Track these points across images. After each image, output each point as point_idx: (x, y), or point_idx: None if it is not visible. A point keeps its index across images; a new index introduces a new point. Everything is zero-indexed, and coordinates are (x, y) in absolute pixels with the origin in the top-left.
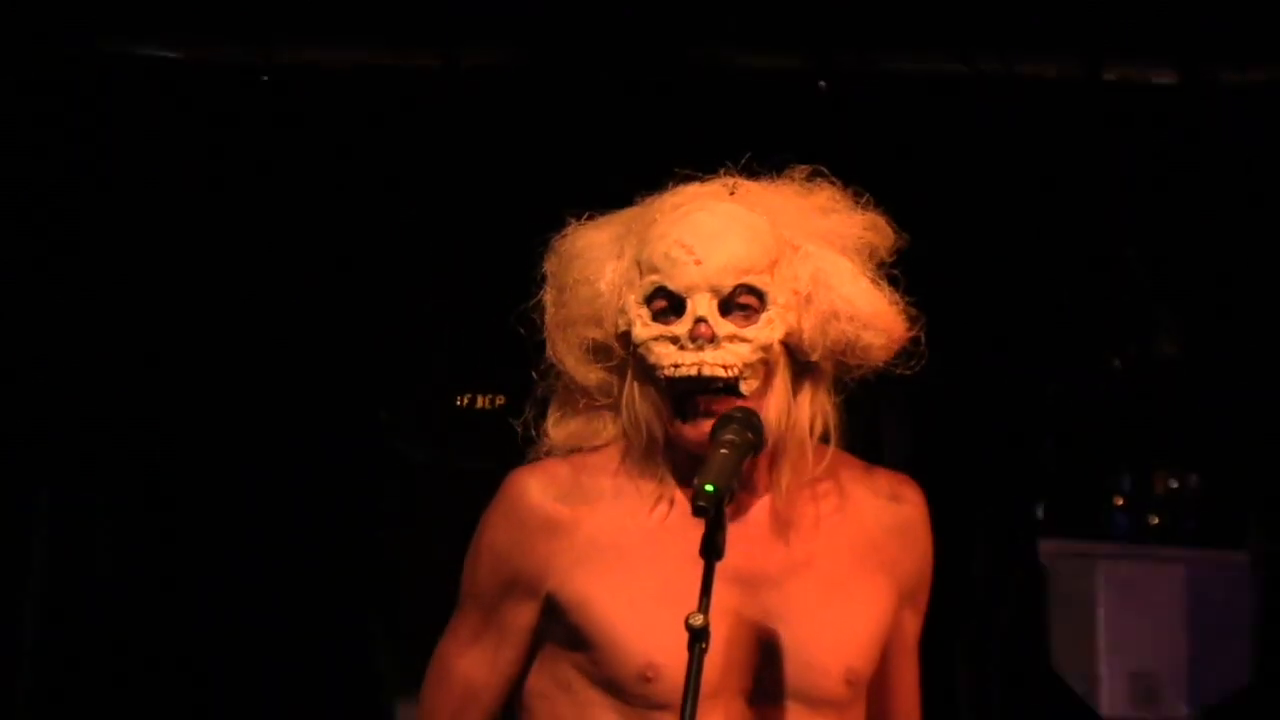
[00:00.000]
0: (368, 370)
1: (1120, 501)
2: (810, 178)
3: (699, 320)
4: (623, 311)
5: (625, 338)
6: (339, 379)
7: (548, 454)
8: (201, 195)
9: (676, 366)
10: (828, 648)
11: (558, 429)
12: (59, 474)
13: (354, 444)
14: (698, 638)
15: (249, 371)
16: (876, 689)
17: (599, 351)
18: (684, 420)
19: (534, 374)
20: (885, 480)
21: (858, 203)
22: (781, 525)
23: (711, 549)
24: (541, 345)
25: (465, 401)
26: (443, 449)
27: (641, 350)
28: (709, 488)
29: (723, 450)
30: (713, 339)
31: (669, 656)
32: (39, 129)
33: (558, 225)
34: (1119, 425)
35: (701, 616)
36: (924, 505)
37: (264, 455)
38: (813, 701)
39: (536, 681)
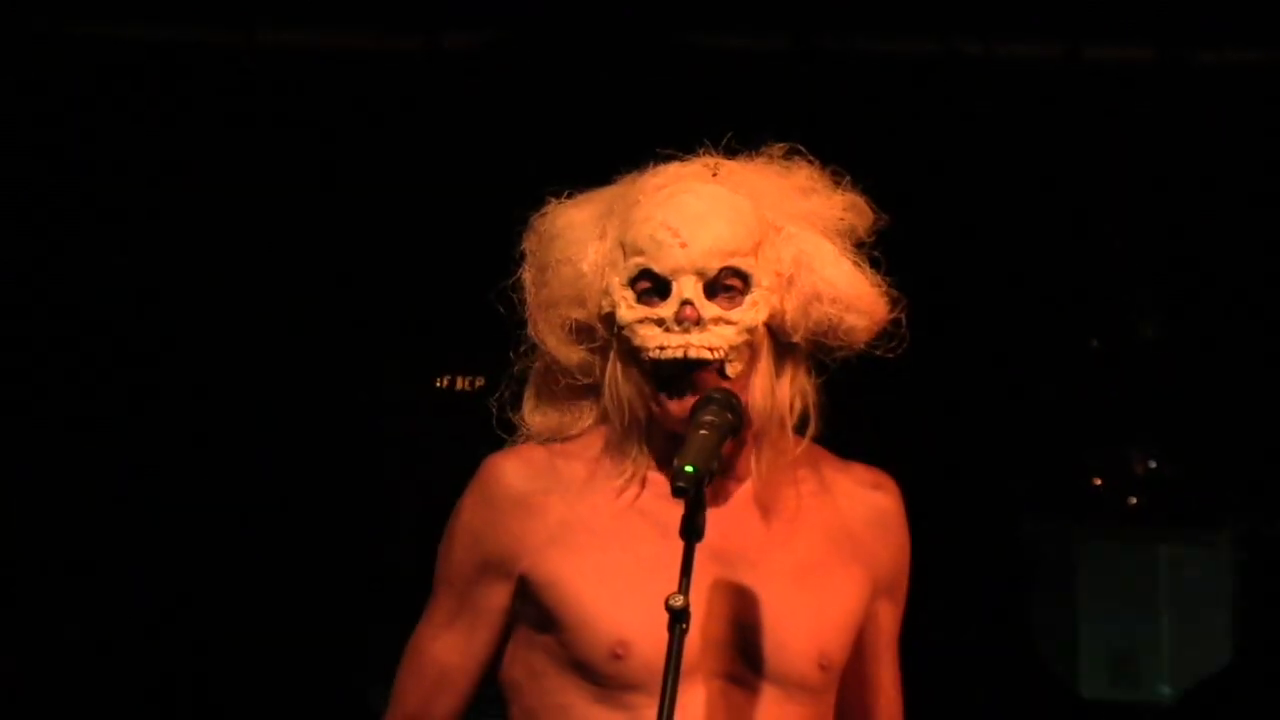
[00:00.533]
0: (347, 351)
1: (1099, 482)
2: (787, 155)
3: (685, 303)
4: (606, 293)
5: (609, 319)
6: (318, 360)
7: (524, 442)
8: (179, 179)
9: (662, 349)
10: (802, 630)
11: (534, 416)
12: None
13: (333, 425)
14: (678, 619)
15: (227, 352)
16: (857, 682)
17: (581, 332)
18: (669, 396)
19: (511, 353)
20: (863, 473)
21: (836, 183)
22: (760, 508)
23: (691, 530)
24: (520, 324)
25: (445, 383)
26: (422, 431)
27: (626, 332)
28: (689, 468)
29: (702, 431)
30: (699, 321)
31: (639, 634)
32: (11, 116)
33: (537, 205)
34: (1098, 406)
35: (682, 598)
36: (900, 499)
37: (242, 436)
38: (786, 684)
39: (510, 672)
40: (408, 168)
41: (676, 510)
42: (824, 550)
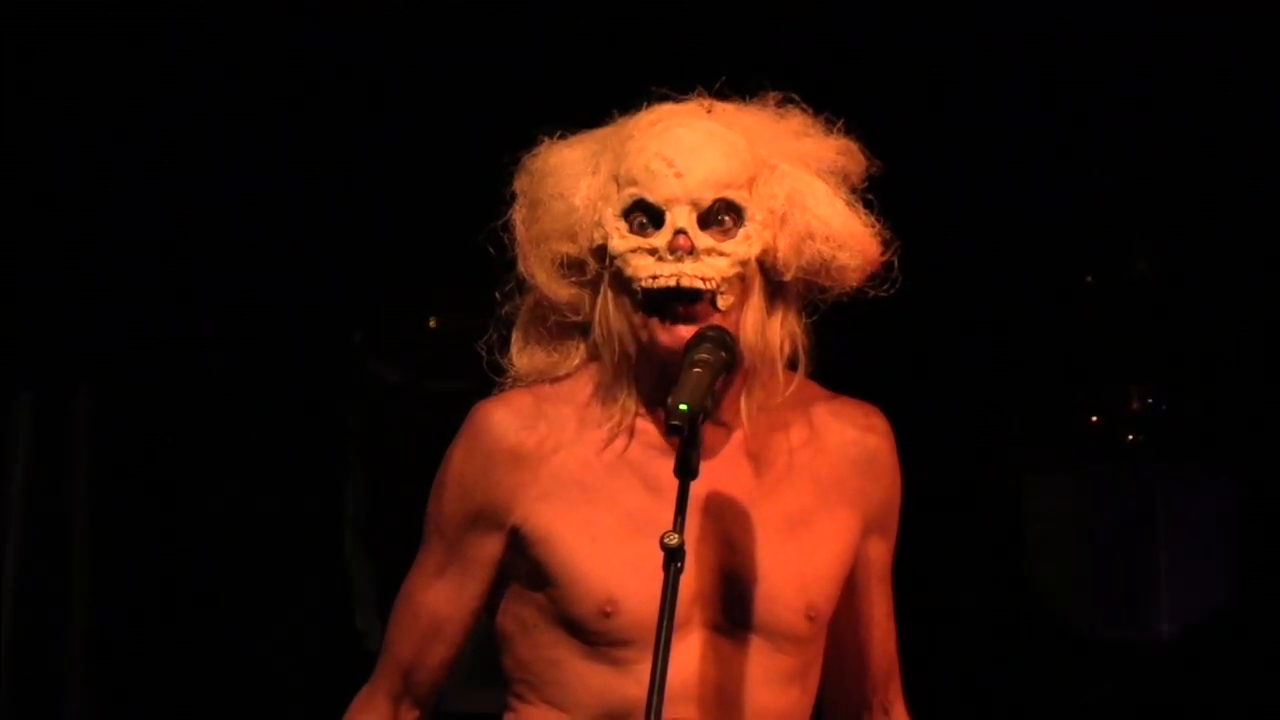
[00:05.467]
0: (342, 291)
1: (1096, 419)
2: (782, 104)
3: (679, 232)
4: (599, 225)
5: (600, 251)
6: (312, 300)
7: (513, 384)
8: (159, 106)
9: (655, 278)
10: (790, 582)
11: (522, 357)
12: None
13: (327, 366)
14: (673, 557)
15: (220, 292)
16: (850, 618)
17: (571, 266)
18: (660, 324)
19: (497, 295)
20: (852, 410)
21: (830, 129)
22: (750, 456)
23: (686, 469)
24: (508, 265)
25: (438, 324)
26: (416, 371)
27: (619, 262)
28: (682, 407)
29: (696, 369)
30: (692, 251)
31: (628, 592)
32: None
33: (530, 144)
34: (1094, 343)
35: (677, 536)
36: (891, 434)
37: (234, 377)
38: (774, 635)
39: (503, 623)
40: (402, 108)
41: (664, 463)
42: (813, 498)
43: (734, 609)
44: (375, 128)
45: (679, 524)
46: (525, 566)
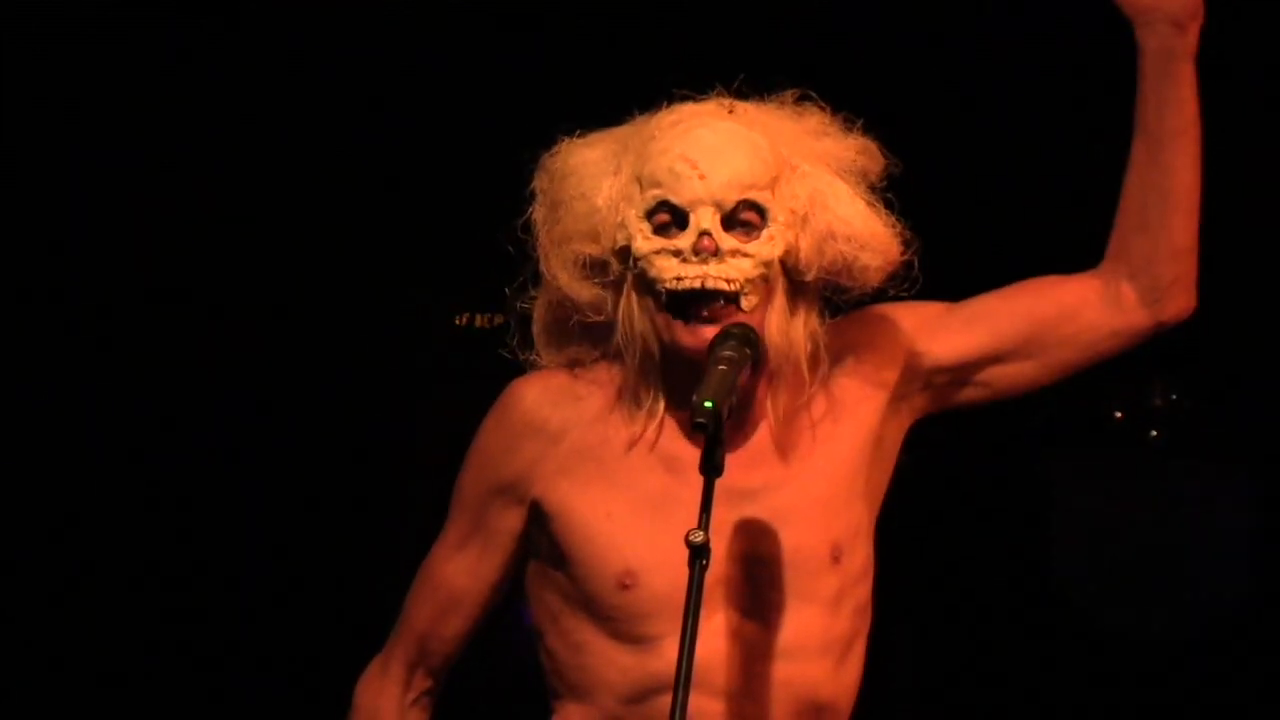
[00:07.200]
0: (368, 289)
1: (1120, 415)
2: (800, 100)
3: (703, 234)
4: (622, 226)
5: (624, 253)
6: (338, 297)
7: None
8: (182, 112)
9: (679, 279)
10: (813, 529)
11: (548, 351)
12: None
13: (354, 364)
14: (698, 555)
15: (248, 285)
16: (1015, 338)
17: (593, 268)
18: (685, 325)
19: (506, 289)
20: (838, 330)
21: (848, 127)
22: (777, 448)
23: (711, 466)
24: (528, 263)
25: (464, 321)
26: (441, 368)
27: (643, 264)
28: (708, 404)
29: (720, 366)
30: (716, 252)
31: (646, 565)
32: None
33: (550, 143)
34: None
35: (702, 534)
36: (864, 309)
37: (263, 371)
38: (799, 598)
39: (535, 616)
40: (428, 103)
41: (687, 448)
42: (839, 464)
43: (757, 588)
44: (380, 128)
45: (704, 521)
46: (546, 544)
